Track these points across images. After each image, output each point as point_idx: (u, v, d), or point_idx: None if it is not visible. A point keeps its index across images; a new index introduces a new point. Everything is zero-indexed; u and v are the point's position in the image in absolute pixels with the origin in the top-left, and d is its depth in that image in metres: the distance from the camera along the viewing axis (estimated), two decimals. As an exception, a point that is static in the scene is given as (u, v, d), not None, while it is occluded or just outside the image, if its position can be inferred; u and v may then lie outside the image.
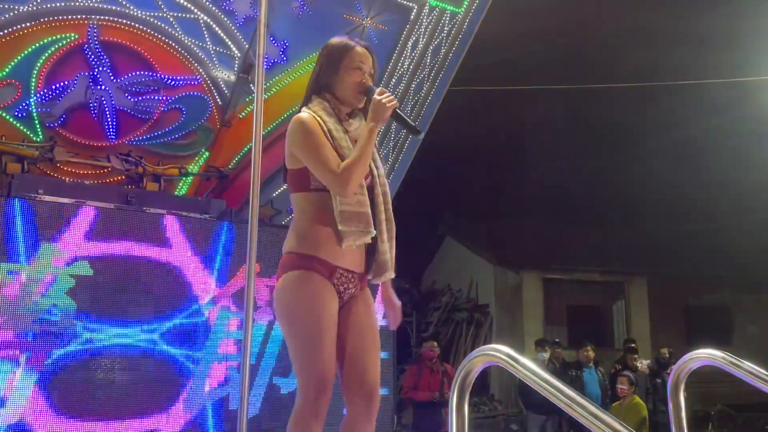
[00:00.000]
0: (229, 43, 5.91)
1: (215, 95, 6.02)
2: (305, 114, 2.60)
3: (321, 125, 2.56)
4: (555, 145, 15.77)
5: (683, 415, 2.66)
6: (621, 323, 14.99)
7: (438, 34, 6.79)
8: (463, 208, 16.66)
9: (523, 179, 16.41)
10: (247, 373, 2.98)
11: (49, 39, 5.29)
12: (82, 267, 4.68)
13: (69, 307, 4.59)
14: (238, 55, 5.95)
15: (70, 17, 5.30)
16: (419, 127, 2.68)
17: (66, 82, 5.44)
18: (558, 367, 8.83)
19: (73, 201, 4.95)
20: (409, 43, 6.69)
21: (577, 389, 2.07)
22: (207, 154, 6.21)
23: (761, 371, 2.40)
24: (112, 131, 5.70)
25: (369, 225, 2.54)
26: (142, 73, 5.69)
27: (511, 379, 11.89)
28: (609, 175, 16.01)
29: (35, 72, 5.29)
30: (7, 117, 5.32)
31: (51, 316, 4.52)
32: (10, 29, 5.13)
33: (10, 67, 5.22)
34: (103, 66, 5.51)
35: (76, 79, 5.45)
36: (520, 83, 12.58)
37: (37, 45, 5.26)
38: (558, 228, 15.64)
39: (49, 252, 4.59)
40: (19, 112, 5.34)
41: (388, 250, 2.62)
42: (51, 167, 5.49)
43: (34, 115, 5.39)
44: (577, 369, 8.79)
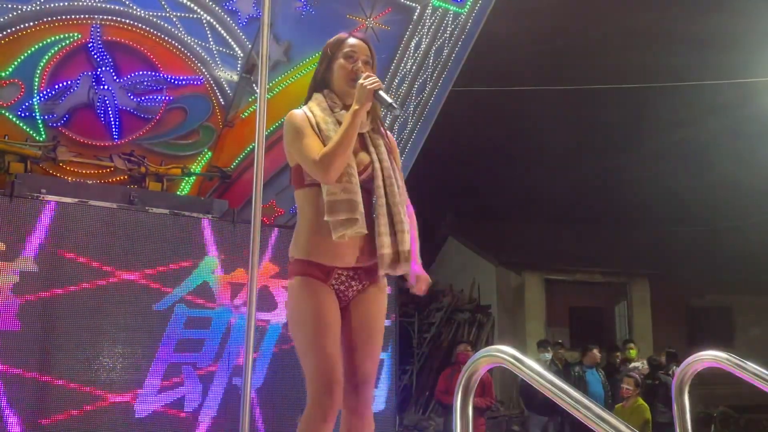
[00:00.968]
0: (232, 43, 5.91)
1: (218, 95, 6.02)
2: (295, 110, 2.63)
3: (309, 119, 2.57)
4: (558, 146, 15.74)
5: (688, 416, 2.66)
6: (623, 324, 14.96)
7: (441, 35, 6.79)
8: (465, 209, 16.64)
9: (525, 180, 16.40)
10: (249, 374, 2.97)
11: (53, 39, 5.30)
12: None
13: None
14: (241, 55, 5.95)
15: (73, 17, 5.31)
16: (396, 104, 2.60)
17: (69, 82, 5.44)
18: (560, 368, 8.82)
19: (76, 201, 4.95)
20: (412, 44, 6.68)
21: (580, 390, 2.06)
22: (209, 154, 6.21)
23: (766, 373, 2.39)
24: (115, 131, 5.70)
25: (356, 212, 2.44)
26: (145, 72, 5.69)
27: (512, 380, 11.87)
28: (611, 176, 16.00)
29: (38, 71, 5.30)
30: (10, 116, 5.32)
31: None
32: (13, 29, 5.14)
33: (13, 66, 5.23)
34: (106, 66, 5.51)
35: (79, 79, 5.46)
36: (522, 84, 12.57)
37: (41, 44, 5.27)
38: (560, 229, 15.63)
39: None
40: (22, 111, 5.35)
41: (391, 243, 2.53)
42: (54, 167, 5.49)
43: (37, 114, 5.40)
44: (579, 369, 8.78)
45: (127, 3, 5.44)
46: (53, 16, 5.24)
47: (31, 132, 5.40)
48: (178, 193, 6.09)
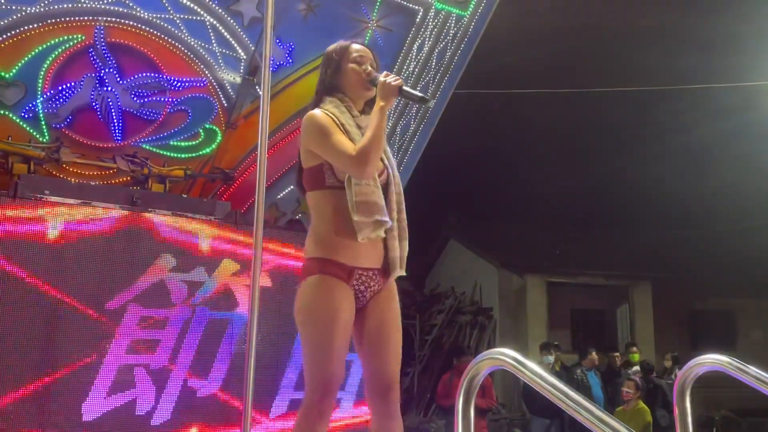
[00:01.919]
0: (235, 45, 5.92)
1: (221, 97, 6.03)
2: (314, 111, 2.65)
3: (333, 119, 2.60)
4: (560, 149, 15.76)
5: (689, 420, 2.65)
6: (625, 327, 14.95)
7: (443, 38, 6.80)
8: (467, 211, 16.65)
9: (527, 183, 16.41)
10: (252, 376, 2.97)
11: (56, 40, 5.31)
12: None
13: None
14: (244, 57, 5.96)
15: (77, 19, 5.32)
16: (427, 96, 2.79)
17: (72, 84, 5.45)
18: (560, 370, 8.83)
19: (79, 202, 4.96)
20: (415, 46, 6.69)
21: (582, 392, 2.06)
22: (212, 155, 6.22)
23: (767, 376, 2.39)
24: (118, 132, 5.71)
25: (383, 214, 2.54)
26: (149, 74, 5.70)
27: (514, 383, 11.87)
28: (614, 178, 15.99)
29: (42, 73, 5.31)
30: (14, 117, 5.33)
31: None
32: (17, 30, 5.15)
33: (17, 68, 5.24)
34: (110, 67, 5.52)
35: (82, 81, 5.46)
36: (525, 87, 12.57)
37: (44, 46, 5.28)
38: (562, 232, 15.62)
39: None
40: (26, 112, 5.36)
41: (399, 248, 2.64)
42: (57, 168, 5.50)
43: (41, 115, 5.41)
44: (581, 372, 8.79)
45: (130, 5, 5.45)
46: (57, 17, 5.25)
47: (34, 133, 5.41)
48: (181, 194, 6.09)
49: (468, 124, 13.21)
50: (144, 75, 5.69)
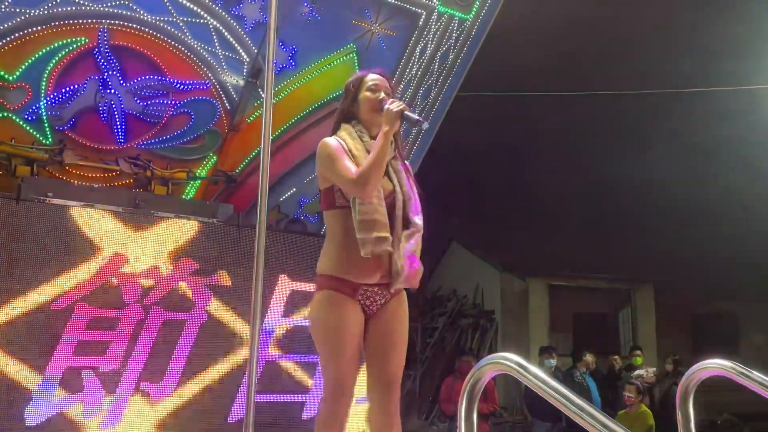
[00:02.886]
0: (238, 47, 5.93)
1: (224, 100, 6.04)
2: (327, 138, 2.88)
3: (342, 145, 2.81)
4: (562, 152, 15.74)
5: (692, 425, 2.65)
6: (627, 331, 14.92)
7: (446, 41, 6.80)
8: (469, 214, 16.63)
9: (530, 185, 16.38)
10: (254, 379, 2.97)
11: (60, 43, 5.32)
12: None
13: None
14: (247, 59, 5.97)
15: (80, 21, 5.33)
16: (421, 119, 2.93)
17: (76, 86, 5.46)
18: (563, 372, 8.82)
19: (82, 204, 4.97)
20: (417, 49, 6.69)
21: (583, 395, 2.06)
22: (215, 158, 6.23)
23: (771, 381, 2.38)
24: (121, 135, 5.72)
25: (385, 231, 2.70)
26: (152, 77, 5.71)
27: (516, 387, 11.84)
28: (616, 182, 15.96)
29: (45, 75, 5.32)
30: (17, 120, 5.34)
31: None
32: (21, 33, 5.16)
33: (20, 70, 5.25)
34: (113, 70, 5.54)
35: (86, 83, 5.48)
36: (530, 89, 12.57)
37: (48, 49, 5.29)
38: (565, 234, 15.59)
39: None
40: (29, 115, 5.37)
41: (402, 263, 2.76)
42: (60, 170, 5.52)
43: (44, 118, 5.42)
44: (580, 374, 8.78)
45: (134, 8, 5.47)
46: (61, 20, 5.26)
47: (37, 135, 5.42)
48: (184, 197, 6.10)
49: (470, 127, 13.20)
50: (147, 77, 5.70)
